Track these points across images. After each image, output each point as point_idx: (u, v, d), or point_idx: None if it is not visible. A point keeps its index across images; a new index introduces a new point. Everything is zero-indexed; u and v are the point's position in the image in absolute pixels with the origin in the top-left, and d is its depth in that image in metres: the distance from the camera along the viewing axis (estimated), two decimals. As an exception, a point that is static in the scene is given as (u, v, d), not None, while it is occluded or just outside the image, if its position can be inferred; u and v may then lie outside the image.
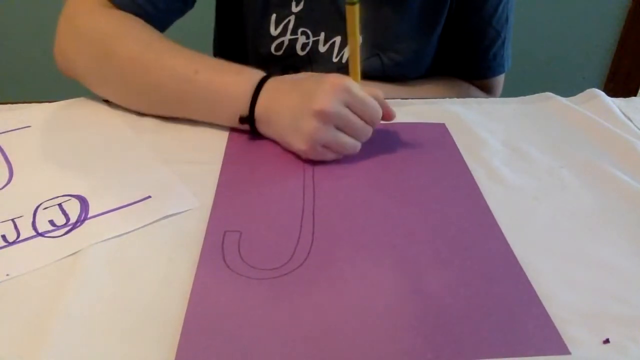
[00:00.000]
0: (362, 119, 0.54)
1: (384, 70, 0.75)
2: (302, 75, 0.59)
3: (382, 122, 0.57)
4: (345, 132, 0.54)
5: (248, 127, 0.58)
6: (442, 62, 0.81)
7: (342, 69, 0.75)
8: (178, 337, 0.37)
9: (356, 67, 0.56)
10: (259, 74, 0.58)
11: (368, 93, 0.54)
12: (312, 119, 0.52)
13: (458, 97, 0.71)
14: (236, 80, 0.57)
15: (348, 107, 0.53)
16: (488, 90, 0.83)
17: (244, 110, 0.56)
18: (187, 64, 0.58)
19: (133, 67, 0.59)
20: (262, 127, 0.58)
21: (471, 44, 0.78)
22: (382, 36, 0.74)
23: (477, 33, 0.77)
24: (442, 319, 0.39)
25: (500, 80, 0.83)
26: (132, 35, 0.61)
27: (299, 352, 0.36)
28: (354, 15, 0.52)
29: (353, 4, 0.51)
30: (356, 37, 0.54)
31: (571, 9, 1.63)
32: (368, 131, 0.55)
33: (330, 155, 0.55)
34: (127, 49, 0.60)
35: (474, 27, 0.76)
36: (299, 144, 0.54)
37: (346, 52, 0.74)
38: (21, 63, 1.65)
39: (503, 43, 0.78)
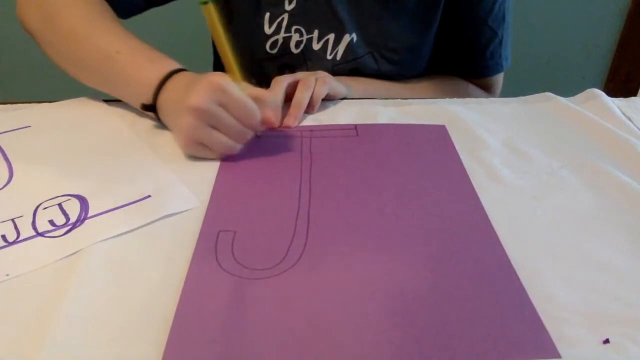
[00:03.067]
0: (238, 120, 0.53)
1: (379, 68, 0.75)
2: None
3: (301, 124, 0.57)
4: (220, 132, 0.53)
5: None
6: (440, 61, 0.81)
7: (337, 66, 0.75)
8: (177, 337, 0.37)
9: (231, 65, 0.56)
10: (172, 65, 0.58)
11: (253, 94, 0.54)
12: (187, 115, 0.52)
13: (457, 96, 0.71)
14: (150, 67, 0.58)
15: (223, 106, 0.52)
16: (487, 89, 0.83)
17: (148, 99, 0.57)
18: (113, 42, 0.60)
19: (68, 36, 0.62)
20: (162, 118, 0.59)
21: (468, 43, 0.78)
22: (375, 34, 0.74)
23: (473, 32, 0.77)
24: (433, 322, 0.38)
25: (499, 78, 0.83)
26: (78, 6, 0.64)
27: (290, 353, 0.36)
28: (210, 14, 0.53)
29: (205, 3, 0.53)
30: (220, 36, 0.54)
31: (571, 9, 1.63)
32: (245, 133, 0.55)
33: (208, 153, 0.55)
34: (68, 19, 0.63)
35: (470, 25, 0.76)
36: (177, 139, 0.56)
37: (340, 50, 0.74)
38: (21, 63, 1.65)
39: (501, 42, 0.78)
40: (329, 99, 0.67)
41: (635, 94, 0.73)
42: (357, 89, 0.72)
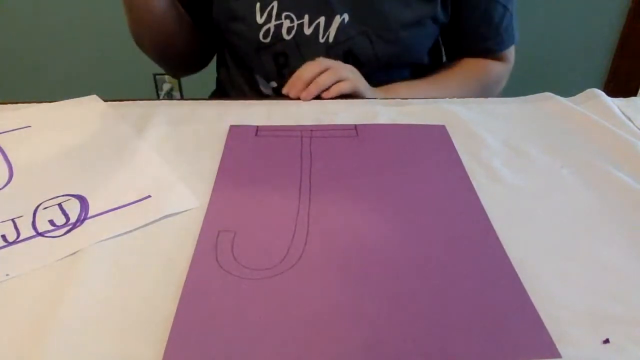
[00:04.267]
0: None
1: (375, 49, 0.75)
2: None
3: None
4: None
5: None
6: (457, 46, 0.84)
7: (331, 49, 0.75)
8: (178, 337, 0.37)
9: None
10: None
11: None
12: None
13: (483, 80, 0.77)
14: None
15: None
16: (504, 61, 0.87)
17: None
18: None
19: None
20: None
21: (485, 21, 0.81)
22: (368, 13, 0.74)
23: (487, 10, 0.79)
24: (433, 322, 0.38)
25: (512, 50, 0.87)
26: None
27: (289, 353, 0.36)
28: None
29: None
30: None
31: (571, 9, 1.63)
32: None
33: None
34: None
35: (484, 5, 0.79)
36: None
37: (332, 32, 0.74)
38: (21, 63, 1.65)
39: (512, 15, 0.82)
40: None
41: (635, 94, 0.73)
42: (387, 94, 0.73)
